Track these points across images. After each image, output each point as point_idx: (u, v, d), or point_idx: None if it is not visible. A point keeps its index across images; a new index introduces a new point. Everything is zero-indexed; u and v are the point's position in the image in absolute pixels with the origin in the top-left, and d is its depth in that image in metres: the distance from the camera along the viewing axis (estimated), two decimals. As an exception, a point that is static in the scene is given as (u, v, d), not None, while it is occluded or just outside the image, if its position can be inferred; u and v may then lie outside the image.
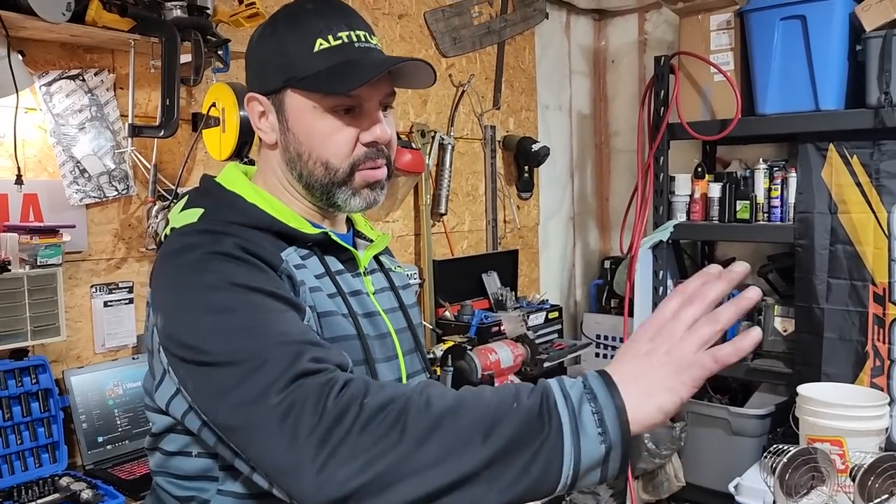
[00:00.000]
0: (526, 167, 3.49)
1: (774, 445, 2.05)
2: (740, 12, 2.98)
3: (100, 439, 2.05)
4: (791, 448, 1.98)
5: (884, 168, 2.68)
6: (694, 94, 3.16)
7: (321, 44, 1.02)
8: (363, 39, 1.05)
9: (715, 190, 3.17)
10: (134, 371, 2.16)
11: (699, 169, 3.26)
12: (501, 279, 3.27)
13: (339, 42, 1.03)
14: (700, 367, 0.82)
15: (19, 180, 1.86)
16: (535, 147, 3.32)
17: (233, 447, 0.85)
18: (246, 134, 1.98)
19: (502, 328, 2.87)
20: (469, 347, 2.54)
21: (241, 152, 2.04)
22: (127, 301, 2.18)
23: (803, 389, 2.59)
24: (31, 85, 1.92)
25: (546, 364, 2.86)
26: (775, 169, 3.03)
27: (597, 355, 3.63)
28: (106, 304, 2.15)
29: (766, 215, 3.04)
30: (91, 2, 1.80)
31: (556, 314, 3.32)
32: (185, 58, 1.99)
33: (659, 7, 3.71)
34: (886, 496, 1.97)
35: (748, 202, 3.06)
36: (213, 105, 2.03)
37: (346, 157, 1.06)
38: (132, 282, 2.18)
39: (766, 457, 2.03)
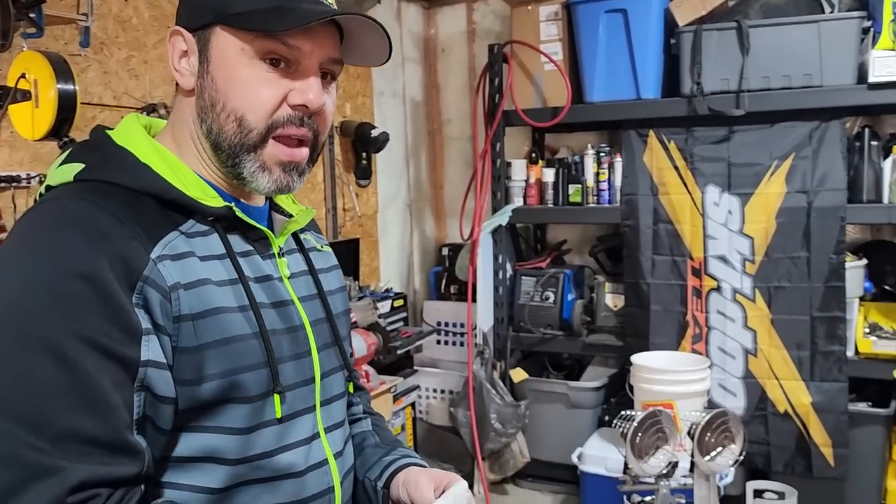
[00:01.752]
0: (364, 154, 3.42)
1: (622, 412, 2.16)
2: (567, 4, 3.12)
3: None
4: (639, 413, 2.10)
5: (697, 152, 2.93)
6: (526, 83, 3.26)
7: None
8: None
9: (549, 175, 3.31)
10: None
11: (533, 154, 3.38)
12: (343, 268, 3.18)
13: None
14: None
15: None
16: (374, 133, 3.26)
17: None
18: (66, 110, 1.75)
19: (352, 318, 2.80)
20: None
21: (60, 131, 1.79)
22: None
23: (636, 359, 2.78)
24: None
25: (398, 352, 2.84)
26: (602, 154, 3.21)
27: (438, 342, 3.66)
28: None
29: (595, 198, 3.21)
30: None
31: (401, 302, 3.30)
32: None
33: (486, -3, 3.81)
34: (720, 449, 2.15)
35: (580, 186, 3.23)
36: (23, 76, 1.76)
37: (265, 115, 0.90)
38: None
39: (615, 424, 2.14)
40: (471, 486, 3.22)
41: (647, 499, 2.25)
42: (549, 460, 3.19)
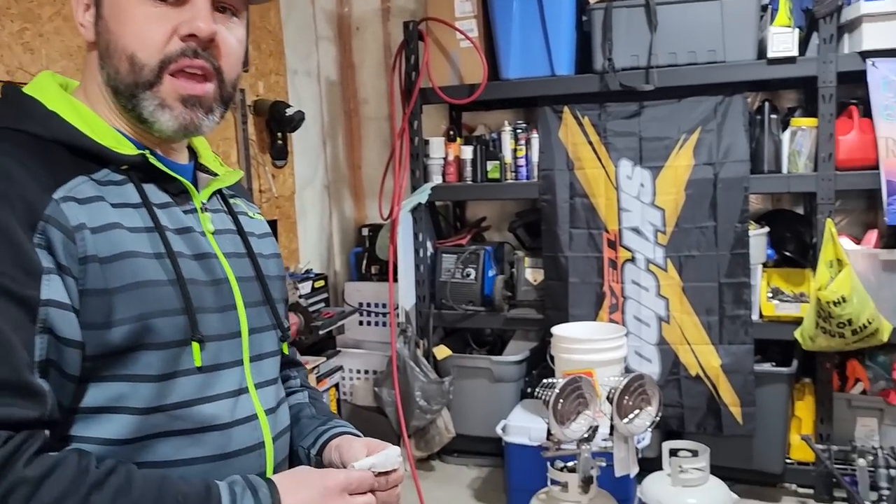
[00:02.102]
0: (279, 133, 3.34)
1: (544, 381, 2.20)
2: (482, -20, 3.12)
3: None
4: (560, 381, 2.15)
5: (610, 127, 3.00)
6: (442, 60, 3.26)
7: None
8: None
9: (467, 152, 3.32)
10: None
11: (451, 132, 3.39)
12: (261, 251, 3.11)
13: None
14: None
15: None
16: (288, 112, 3.18)
17: None
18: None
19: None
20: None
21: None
22: None
23: (557, 330, 2.84)
24: None
25: (320, 332, 2.80)
26: (519, 131, 3.25)
27: (360, 323, 3.63)
28: None
29: (513, 174, 3.26)
30: None
31: (321, 283, 3.26)
32: None
33: (401, -25, 3.77)
34: (637, 411, 2.22)
35: (498, 163, 3.26)
36: None
37: (156, 50, 0.89)
38: None
39: (538, 392, 2.18)
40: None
41: (570, 464, 2.31)
42: (475, 434, 3.23)
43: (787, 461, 2.91)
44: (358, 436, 1.07)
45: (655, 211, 2.94)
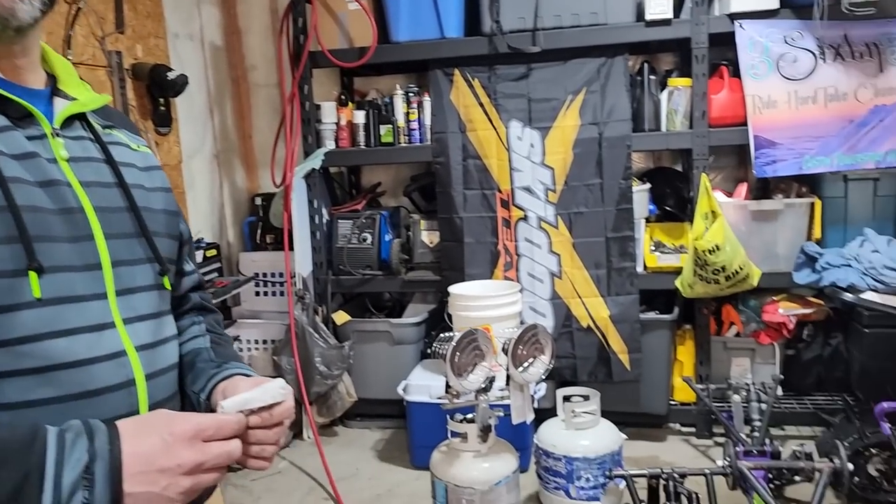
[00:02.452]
0: (162, 99, 3.20)
1: (441, 335, 2.25)
2: (367, -59, 3.08)
3: None
4: (457, 334, 2.19)
5: (500, 89, 3.05)
6: (331, 23, 3.21)
7: None
8: None
9: (359, 117, 3.30)
10: None
11: (343, 97, 3.35)
12: (147, 222, 2.99)
13: None
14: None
15: None
16: (170, 75, 3.05)
17: None
18: None
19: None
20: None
21: None
22: None
23: (453, 289, 2.89)
24: None
25: (214, 301, 2.72)
26: (411, 94, 3.25)
27: (257, 293, 3.56)
28: None
29: (407, 138, 3.26)
30: None
31: (214, 252, 3.17)
32: None
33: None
34: (532, 359, 2.30)
35: (391, 126, 3.25)
36: None
37: None
38: None
39: (434, 347, 2.22)
40: (300, 433, 3.22)
41: (469, 416, 2.37)
42: (377, 398, 3.25)
43: (671, 402, 3.11)
44: (250, 376, 1.03)
45: (545, 170, 3.03)
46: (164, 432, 0.79)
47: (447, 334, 2.25)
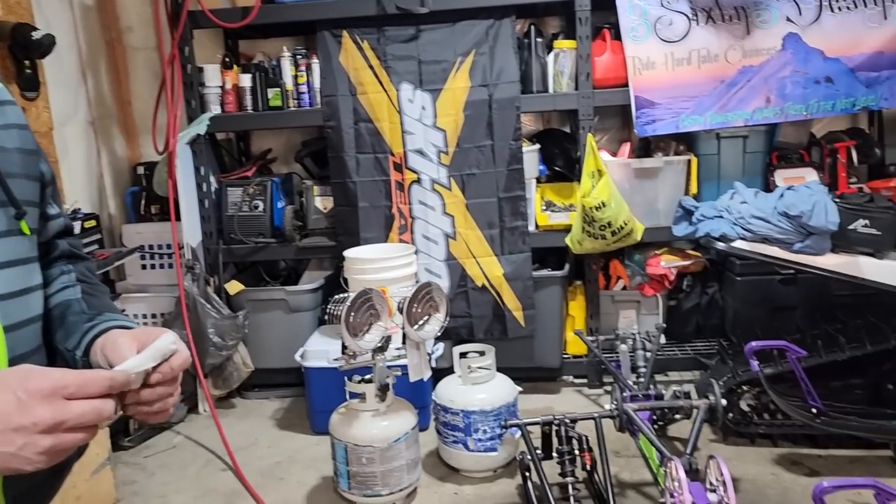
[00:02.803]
0: (27, 61, 2.97)
1: (335, 296, 2.24)
2: None
3: None
4: (351, 294, 2.19)
5: (389, 51, 3.03)
6: (211, -19, 3.08)
7: None
8: None
9: (245, 80, 3.19)
10: None
11: (226, 59, 3.23)
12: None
13: None
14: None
15: None
16: (35, 35, 2.84)
17: None
18: None
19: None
20: None
21: None
22: None
23: (348, 253, 2.87)
24: None
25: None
26: (299, 57, 3.17)
27: (143, 267, 3.41)
28: None
29: (296, 102, 3.19)
30: None
31: (93, 223, 3.00)
32: None
33: None
34: (427, 317, 2.33)
35: (279, 90, 3.17)
36: None
37: None
38: None
39: (329, 308, 2.21)
40: (195, 406, 3.14)
41: (367, 377, 2.38)
42: (275, 367, 3.21)
43: (564, 356, 3.23)
44: (129, 328, 0.96)
45: (437, 132, 3.04)
46: (18, 389, 0.73)
47: (342, 295, 2.25)
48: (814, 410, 2.39)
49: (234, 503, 2.44)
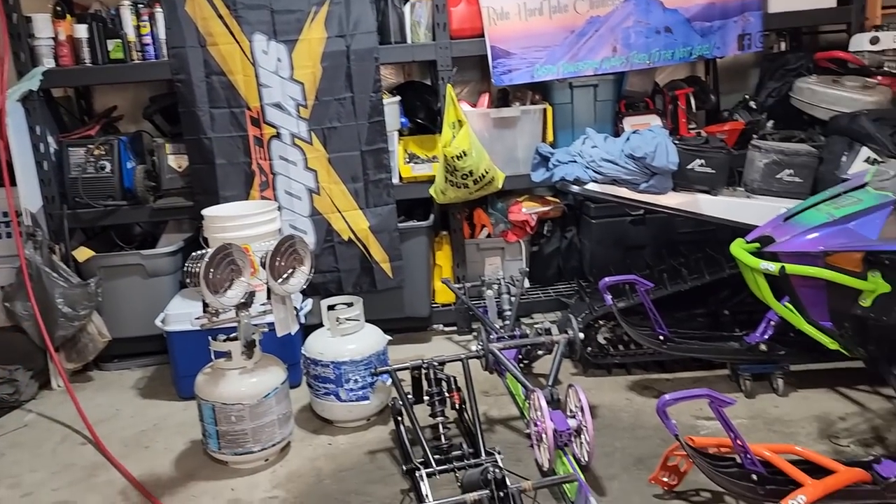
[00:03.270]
0: None
1: (193, 254, 2.16)
2: None
3: None
4: (209, 250, 2.12)
5: (239, 0, 2.90)
6: (34, -80, 2.81)
7: None
8: None
9: (81, 31, 2.96)
10: None
11: (58, 8, 2.98)
12: None
13: None
14: None
15: None
16: None
17: None
18: None
19: None
20: None
21: None
22: None
23: (207, 211, 2.77)
24: None
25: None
26: (140, 6, 2.98)
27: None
28: None
29: (140, 54, 3.00)
30: None
31: (-89, 191, 2.72)
32: None
33: None
34: (291, 270, 2.30)
35: (120, 41, 2.96)
36: None
37: None
38: None
39: (187, 266, 2.13)
40: (47, 382, 2.95)
41: (233, 335, 2.32)
42: (135, 335, 3.06)
43: (434, 305, 3.29)
44: None
45: (295, 85, 2.96)
46: None
47: (199, 252, 2.17)
48: (661, 338, 2.58)
49: (95, 476, 2.33)
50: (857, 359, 2.25)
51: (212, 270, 2.10)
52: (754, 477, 1.77)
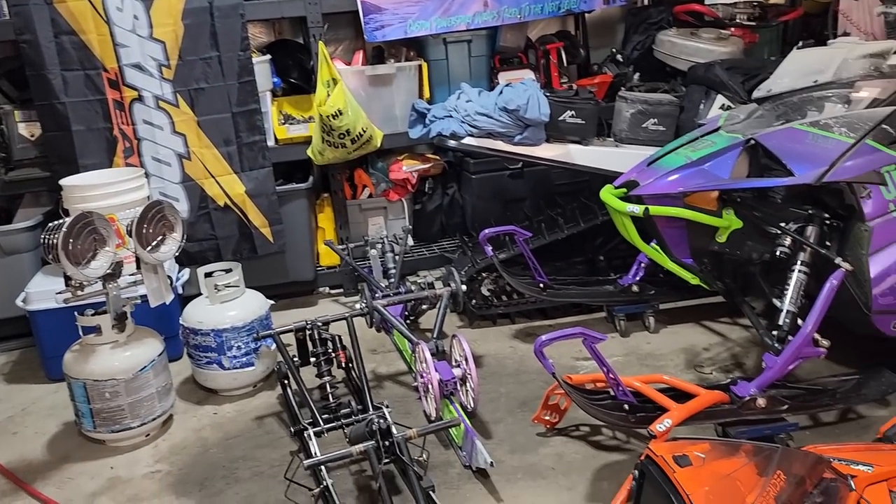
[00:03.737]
0: None
1: (49, 224, 2.02)
2: None
3: None
4: (67, 220, 1.99)
5: (87, -48, 2.70)
6: None
7: None
8: None
9: None
10: None
11: None
12: None
13: None
14: None
15: None
16: None
17: None
18: None
19: None
20: None
21: None
22: None
23: (66, 182, 2.60)
24: None
25: None
26: (-27, -42, 2.71)
27: None
28: None
29: (-23, 12, 2.75)
30: None
31: None
32: None
33: None
34: (161, 237, 2.20)
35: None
36: None
37: None
38: None
39: (43, 238, 1.99)
40: None
41: (102, 309, 2.20)
42: (-5, 319, 2.86)
43: (318, 268, 3.25)
44: None
45: (155, 44, 2.80)
46: None
47: (56, 223, 2.03)
48: (541, 286, 2.67)
49: (-43, 469, 2.17)
50: (716, 293, 2.42)
51: (71, 241, 1.98)
52: (626, 407, 1.88)
